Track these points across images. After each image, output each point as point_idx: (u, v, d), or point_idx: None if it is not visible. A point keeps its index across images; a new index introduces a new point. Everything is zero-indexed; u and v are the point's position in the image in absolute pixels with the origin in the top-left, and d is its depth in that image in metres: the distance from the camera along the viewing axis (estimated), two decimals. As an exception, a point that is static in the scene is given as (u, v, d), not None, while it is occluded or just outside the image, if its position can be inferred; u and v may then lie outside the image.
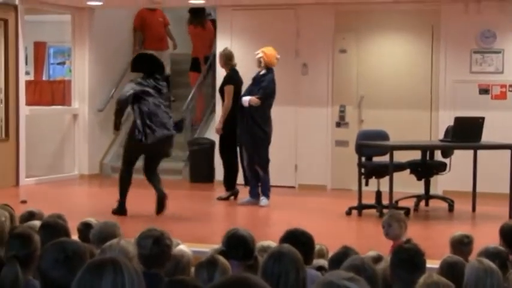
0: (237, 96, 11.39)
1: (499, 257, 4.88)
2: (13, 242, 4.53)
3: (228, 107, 11.44)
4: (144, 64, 10.21)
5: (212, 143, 13.64)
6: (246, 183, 11.43)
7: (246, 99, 11.00)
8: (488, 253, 5.09)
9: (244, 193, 11.41)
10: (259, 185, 11.18)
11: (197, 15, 14.88)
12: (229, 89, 11.46)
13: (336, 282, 2.59)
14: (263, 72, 11.10)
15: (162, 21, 15.30)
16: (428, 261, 4.97)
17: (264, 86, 10.98)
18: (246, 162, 11.20)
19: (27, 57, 14.94)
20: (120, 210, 10.23)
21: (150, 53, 11.06)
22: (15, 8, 12.83)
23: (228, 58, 11.62)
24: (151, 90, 9.92)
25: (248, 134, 11.02)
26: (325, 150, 12.99)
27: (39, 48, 17.42)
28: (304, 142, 11.35)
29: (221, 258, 4.34)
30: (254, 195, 11.19)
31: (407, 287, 4.41)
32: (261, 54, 11.10)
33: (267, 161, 11.08)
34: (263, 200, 11.08)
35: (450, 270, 4.83)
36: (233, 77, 11.55)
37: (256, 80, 11.11)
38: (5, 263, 4.38)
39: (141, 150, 10.09)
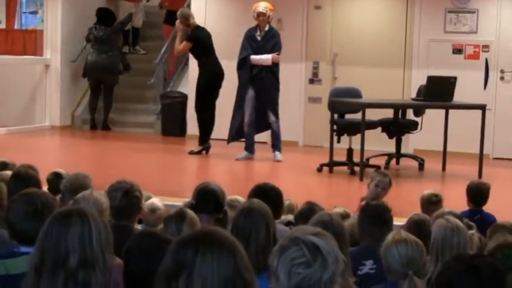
0: (206, 50, 11.43)
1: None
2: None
3: (177, 51, 11.84)
4: None
5: (185, 97, 13.59)
6: (234, 138, 11.40)
7: (266, 58, 11.01)
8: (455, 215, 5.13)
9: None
10: (270, 140, 11.39)
11: None
12: (186, 44, 11.48)
13: (302, 237, 2.59)
14: (268, 27, 11.13)
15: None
16: (397, 218, 5.02)
17: (277, 41, 11.13)
18: (250, 119, 11.14)
19: (-2, 6, 14.73)
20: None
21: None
22: (-12, -46, 12.64)
23: (185, 18, 11.51)
24: None
25: (272, 88, 11.07)
26: (298, 106, 12.99)
27: (12, -3, 17.16)
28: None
29: (190, 212, 4.35)
30: (251, 151, 11.23)
31: (374, 243, 4.45)
32: (270, 13, 11.05)
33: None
34: (278, 155, 11.14)
35: (417, 228, 4.88)
36: (195, 34, 11.47)
37: (262, 36, 11.10)
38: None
39: None
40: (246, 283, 2.37)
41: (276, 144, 11.22)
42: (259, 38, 11.15)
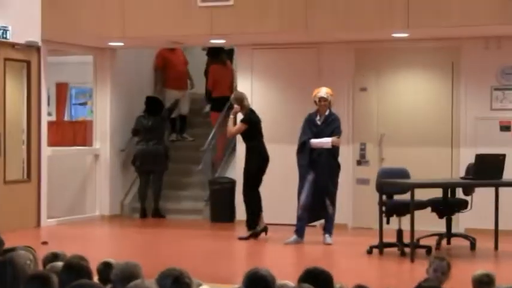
0: (257, 134, 11.60)
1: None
2: (31, 284, 4.52)
3: (231, 134, 12.07)
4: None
5: (233, 182, 13.65)
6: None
7: (326, 141, 11.19)
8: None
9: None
10: (321, 223, 11.40)
11: (216, 54, 14.97)
12: (241, 126, 11.70)
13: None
14: (328, 112, 11.32)
15: (183, 60, 15.42)
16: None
17: (338, 125, 11.31)
18: (306, 202, 11.20)
19: (49, 98, 15.05)
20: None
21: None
22: (38, 49, 12.96)
23: (240, 100, 11.71)
24: None
25: (328, 171, 11.20)
26: (346, 188, 12.95)
27: (61, 89, 17.56)
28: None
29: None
30: (301, 235, 11.23)
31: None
32: (330, 98, 11.28)
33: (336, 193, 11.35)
34: (328, 238, 11.16)
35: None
36: (249, 117, 11.64)
37: (323, 121, 11.27)
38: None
39: None
40: None
41: (328, 227, 11.21)
42: (319, 123, 11.29)
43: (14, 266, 5.07)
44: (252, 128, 11.63)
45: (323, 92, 11.31)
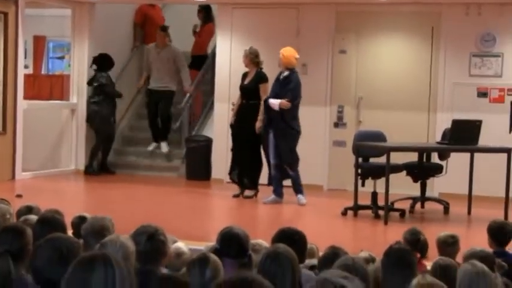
0: (256, 94, 11.51)
1: (487, 260, 4.87)
2: (5, 236, 4.50)
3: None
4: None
5: (210, 141, 13.65)
6: (270, 182, 11.48)
7: (275, 103, 11.08)
8: (476, 256, 5.10)
9: (267, 192, 11.39)
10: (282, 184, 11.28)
11: (209, 13, 14.87)
12: (266, 87, 11.47)
13: (331, 280, 2.60)
14: (286, 73, 11.18)
15: (163, 17, 15.32)
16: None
17: (292, 88, 11.11)
18: (274, 162, 11.22)
19: (26, 51, 14.92)
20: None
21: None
22: (16, 1, 12.82)
23: (255, 55, 11.61)
24: None
25: (279, 134, 11.08)
26: (323, 150, 13.00)
27: (39, 42, 17.42)
28: (301, 142, 11.34)
29: (212, 256, 4.34)
30: (279, 194, 11.22)
31: (398, 287, 4.42)
32: (281, 56, 11.15)
33: (297, 159, 11.17)
34: (301, 199, 11.13)
35: (442, 272, 4.84)
36: (265, 75, 11.56)
37: (280, 81, 11.16)
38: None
39: None
40: None
41: (296, 188, 11.21)
42: (275, 82, 11.27)
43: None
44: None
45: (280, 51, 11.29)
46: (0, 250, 4.42)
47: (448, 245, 6.13)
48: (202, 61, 14.78)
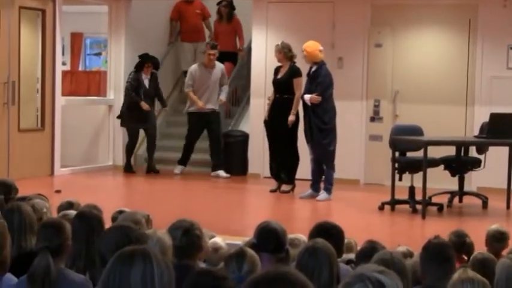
0: (289, 89, 11.51)
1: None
2: (44, 231, 4.55)
3: (299, 99, 11.40)
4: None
5: (246, 136, 13.67)
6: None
7: (307, 98, 11.09)
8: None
9: (305, 187, 11.39)
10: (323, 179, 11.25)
11: (233, 8, 14.86)
12: (300, 81, 11.46)
13: (367, 274, 2.59)
14: (314, 68, 11.16)
15: (200, 13, 15.29)
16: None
17: (320, 81, 11.07)
18: (312, 156, 11.22)
19: (64, 48, 15.04)
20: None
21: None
22: (53, -2, 12.94)
23: (288, 49, 11.61)
24: None
25: (312, 129, 11.07)
26: (359, 144, 12.96)
27: (76, 39, 17.56)
28: (338, 136, 11.33)
29: (249, 251, 4.35)
30: (316, 189, 11.21)
31: (437, 282, 4.41)
32: (304, 53, 11.14)
33: (332, 154, 11.11)
34: (322, 194, 11.09)
35: (481, 266, 4.81)
36: (299, 69, 11.56)
37: (311, 76, 11.18)
38: (37, 253, 4.43)
39: None
40: None
41: (325, 185, 11.19)
42: (307, 77, 11.29)
43: (20, 214, 5.11)
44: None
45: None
46: (39, 246, 4.48)
47: (496, 240, 6.08)
48: (230, 57, 14.70)
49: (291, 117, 11.42)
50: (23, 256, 4.85)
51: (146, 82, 13.51)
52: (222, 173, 13.35)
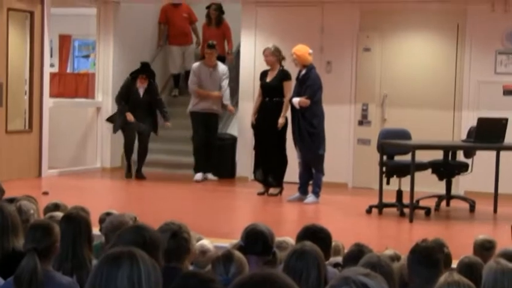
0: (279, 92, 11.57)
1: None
2: (33, 233, 4.55)
3: (289, 102, 11.39)
4: None
5: (234, 139, 13.67)
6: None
7: (295, 101, 11.10)
8: (508, 255, 5.07)
9: (292, 190, 11.40)
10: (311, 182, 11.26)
11: (222, 13, 14.83)
12: (290, 85, 11.49)
13: (353, 277, 2.59)
14: (304, 71, 11.19)
15: (187, 17, 15.28)
16: (447, 261, 4.96)
17: (310, 84, 11.10)
18: (299, 160, 11.24)
19: (52, 50, 15.01)
20: None
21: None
22: (42, 0, 12.90)
23: (279, 52, 11.67)
24: None
25: (301, 132, 11.08)
26: (347, 148, 12.98)
27: (64, 41, 17.52)
28: (326, 140, 11.34)
29: (237, 253, 4.36)
30: (304, 192, 11.22)
31: (424, 285, 4.41)
32: (294, 56, 11.17)
33: (321, 158, 11.12)
34: (309, 197, 11.10)
35: (468, 270, 4.83)
36: (289, 73, 11.60)
37: (300, 80, 11.20)
38: (21, 254, 4.42)
39: None
40: None
41: (313, 188, 11.20)
42: (295, 81, 11.32)
43: (2, 214, 5.09)
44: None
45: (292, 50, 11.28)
46: (28, 247, 4.47)
47: (485, 249, 6.10)
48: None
49: (281, 120, 11.45)
50: (4, 257, 4.84)
51: (141, 91, 13.23)
52: (211, 175, 13.31)
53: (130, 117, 13.11)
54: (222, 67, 13.43)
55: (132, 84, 13.16)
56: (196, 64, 13.51)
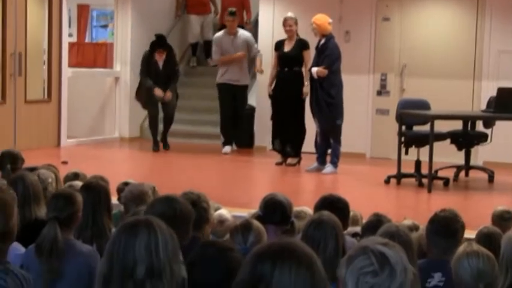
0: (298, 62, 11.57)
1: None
2: (55, 202, 4.56)
3: (309, 72, 11.33)
4: None
5: (252, 109, 13.65)
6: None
7: (314, 71, 11.07)
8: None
9: (311, 160, 11.38)
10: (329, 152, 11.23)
11: None
12: (310, 54, 11.46)
13: (370, 247, 2.59)
14: (323, 41, 11.14)
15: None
16: (467, 231, 4.96)
17: (328, 54, 11.04)
18: (318, 130, 11.23)
19: (70, 20, 14.99)
20: None
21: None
22: (60, -30, 12.90)
23: (295, 21, 11.64)
24: None
25: (319, 103, 11.04)
26: (366, 118, 12.94)
27: (83, 11, 17.49)
28: (344, 110, 11.31)
29: (256, 222, 4.37)
30: (322, 162, 11.20)
31: (443, 255, 4.41)
32: (313, 26, 11.11)
33: (339, 129, 11.09)
34: (328, 168, 11.07)
35: (487, 240, 4.82)
36: (308, 42, 11.57)
37: (318, 49, 11.16)
38: (42, 222, 4.45)
39: None
40: None
41: (331, 158, 11.16)
42: (315, 51, 11.28)
43: (24, 183, 5.13)
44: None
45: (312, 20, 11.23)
46: (49, 215, 4.49)
47: (504, 220, 6.08)
48: None
49: (306, 89, 11.41)
50: (26, 226, 4.88)
51: (160, 63, 13.00)
52: (228, 148, 13.09)
53: (159, 92, 12.95)
54: (244, 35, 13.18)
55: (151, 57, 13.05)
56: (217, 34, 13.35)
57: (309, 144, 11.61)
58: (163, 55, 12.99)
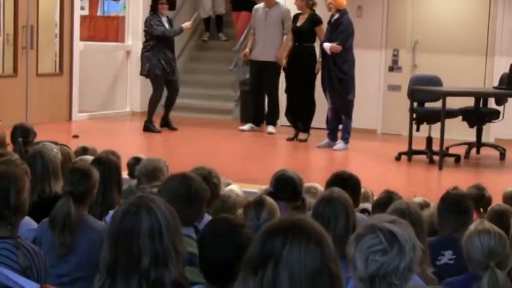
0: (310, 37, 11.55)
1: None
2: (71, 176, 4.55)
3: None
4: None
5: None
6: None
7: (327, 46, 10.99)
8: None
9: (321, 135, 11.38)
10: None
11: None
12: (323, 28, 11.41)
13: (378, 225, 2.60)
14: (336, 16, 11.07)
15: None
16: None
17: (342, 30, 10.97)
18: (329, 106, 11.20)
19: (82, -8, 14.95)
20: None
21: None
22: None
23: None
24: None
25: (331, 79, 11.00)
26: (377, 94, 12.91)
27: (94, -16, 17.43)
28: (356, 86, 11.27)
29: (269, 199, 4.36)
30: (333, 138, 11.18)
31: (454, 232, 4.41)
32: (329, 0, 11.04)
33: (350, 104, 11.04)
34: (339, 144, 11.04)
35: (498, 218, 4.81)
36: (320, 17, 11.52)
37: (332, 25, 11.09)
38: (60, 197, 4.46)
39: None
40: (332, 275, 2.35)
41: (342, 134, 11.12)
42: (327, 25, 11.22)
43: (43, 159, 5.14)
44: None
45: None
46: (64, 190, 4.49)
47: None
48: (248, 6, 14.37)
49: (319, 65, 11.37)
50: (45, 201, 4.88)
51: (166, 24, 12.57)
52: (271, 127, 12.57)
53: (187, 24, 12.71)
54: (282, 9, 12.47)
55: (159, 18, 12.47)
56: (256, 6, 12.78)
57: (320, 119, 11.59)
58: (165, 8, 12.56)
